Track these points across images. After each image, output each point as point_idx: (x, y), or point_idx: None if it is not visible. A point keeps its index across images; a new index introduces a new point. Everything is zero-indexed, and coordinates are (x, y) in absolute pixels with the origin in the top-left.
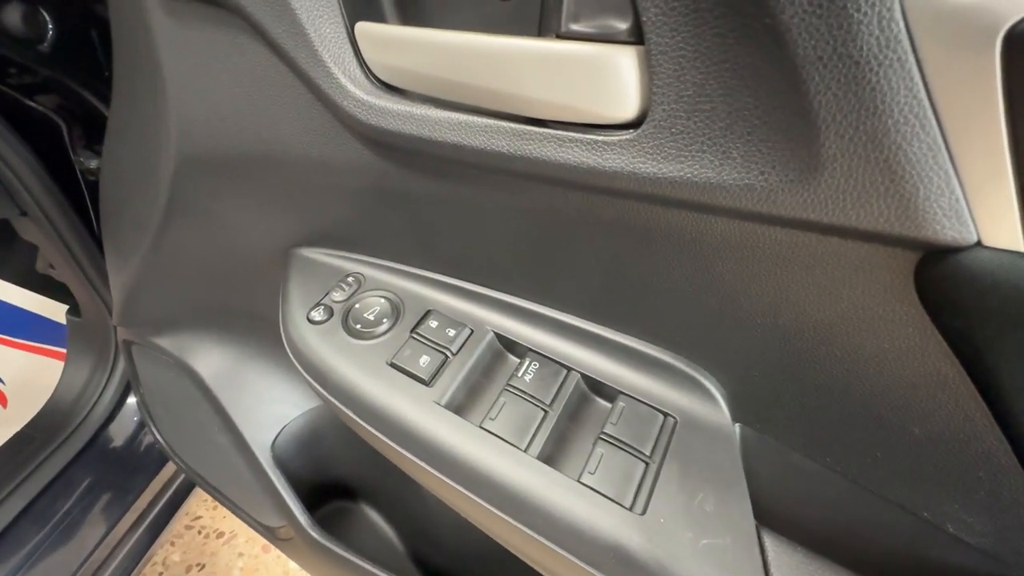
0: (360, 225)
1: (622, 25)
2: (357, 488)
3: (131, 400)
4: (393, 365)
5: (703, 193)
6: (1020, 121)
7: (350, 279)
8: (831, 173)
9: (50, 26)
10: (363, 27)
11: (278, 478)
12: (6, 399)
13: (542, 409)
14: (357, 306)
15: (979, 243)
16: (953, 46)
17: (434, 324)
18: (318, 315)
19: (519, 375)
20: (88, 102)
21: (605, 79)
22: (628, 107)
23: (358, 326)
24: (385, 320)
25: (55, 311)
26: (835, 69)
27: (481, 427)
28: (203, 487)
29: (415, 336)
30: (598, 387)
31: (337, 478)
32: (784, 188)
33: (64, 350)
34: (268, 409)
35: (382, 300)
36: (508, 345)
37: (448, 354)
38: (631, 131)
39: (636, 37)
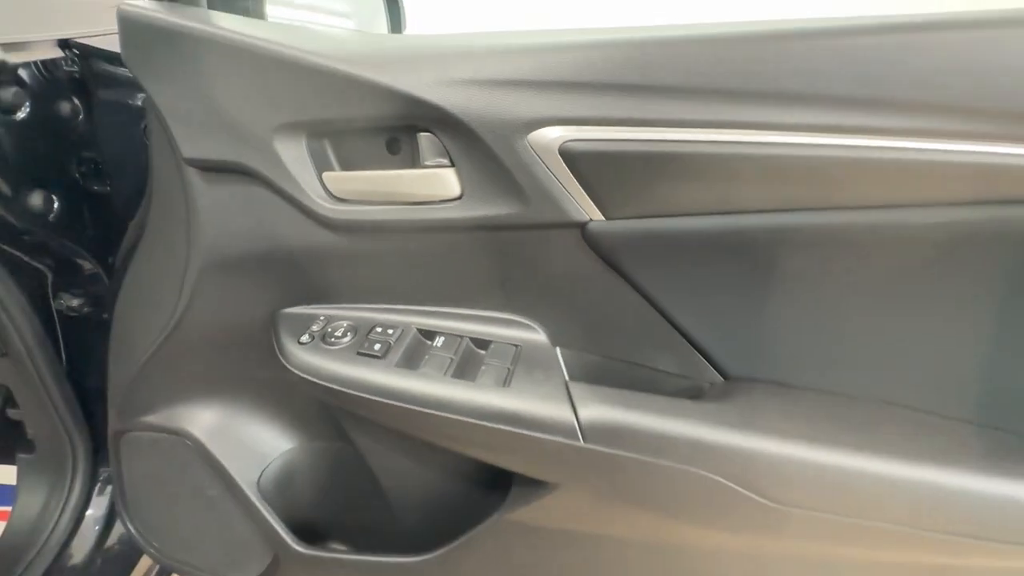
0: (325, 284)
1: (446, 161)
2: (326, 524)
3: (82, 528)
4: (359, 353)
5: (490, 220)
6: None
7: (321, 318)
8: (535, 203)
9: (55, 204)
10: (327, 174)
11: (265, 507)
12: None
13: (450, 358)
14: (329, 329)
15: (591, 220)
16: (548, 157)
17: (379, 330)
18: (305, 339)
19: (434, 345)
20: (73, 257)
21: (443, 181)
22: (454, 191)
23: (332, 339)
24: (349, 334)
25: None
26: (486, 166)
27: (418, 372)
28: (179, 569)
29: (369, 338)
30: (479, 341)
31: (306, 514)
32: (524, 212)
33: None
34: (251, 452)
35: (344, 324)
36: (426, 334)
37: (391, 343)
38: (458, 200)
39: (451, 163)
